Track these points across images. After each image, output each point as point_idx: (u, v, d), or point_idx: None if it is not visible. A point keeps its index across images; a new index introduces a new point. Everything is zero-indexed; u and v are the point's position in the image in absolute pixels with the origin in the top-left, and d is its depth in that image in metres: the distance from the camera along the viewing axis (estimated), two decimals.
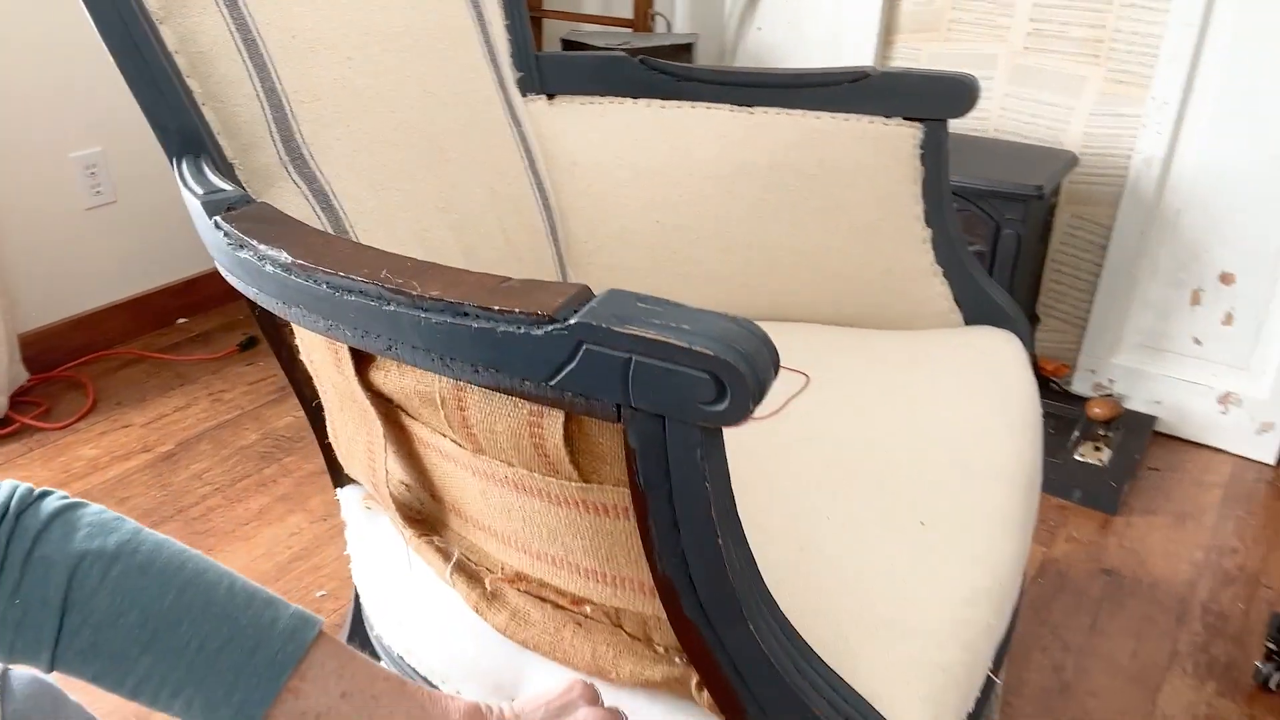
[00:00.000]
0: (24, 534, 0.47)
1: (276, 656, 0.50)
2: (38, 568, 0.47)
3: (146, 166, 2.05)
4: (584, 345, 0.46)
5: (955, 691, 0.60)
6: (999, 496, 0.73)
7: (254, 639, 0.50)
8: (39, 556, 0.47)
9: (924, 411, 0.83)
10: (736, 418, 0.44)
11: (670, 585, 0.52)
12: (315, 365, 0.68)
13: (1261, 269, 1.62)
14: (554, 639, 0.62)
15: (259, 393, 1.93)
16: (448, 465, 0.62)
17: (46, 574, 0.47)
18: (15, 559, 0.46)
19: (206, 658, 0.49)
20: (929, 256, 0.98)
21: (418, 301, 0.51)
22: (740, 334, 0.44)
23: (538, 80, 1.04)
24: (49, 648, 0.47)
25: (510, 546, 0.62)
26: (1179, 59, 1.58)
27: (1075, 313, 1.85)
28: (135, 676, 0.49)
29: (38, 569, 0.47)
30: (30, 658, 0.48)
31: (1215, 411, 1.72)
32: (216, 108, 0.70)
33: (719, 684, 0.53)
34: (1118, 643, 1.30)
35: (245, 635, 0.50)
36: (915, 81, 0.93)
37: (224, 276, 0.64)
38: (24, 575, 0.47)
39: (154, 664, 0.49)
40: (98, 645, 0.48)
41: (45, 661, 0.48)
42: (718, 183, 1.02)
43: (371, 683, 0.53)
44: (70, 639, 0.47)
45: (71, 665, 0.49)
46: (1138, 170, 1.67)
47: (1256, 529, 1.54)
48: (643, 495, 0.50)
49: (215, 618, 0.50)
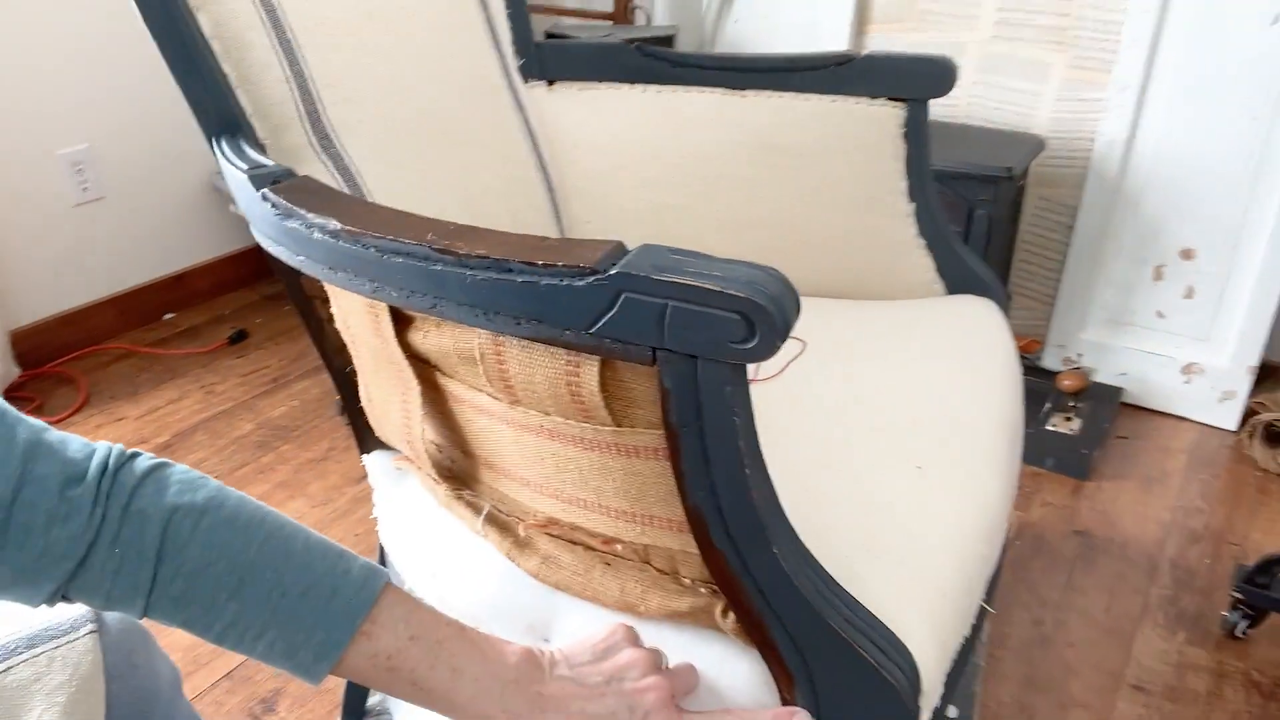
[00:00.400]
0: (121, 490, 0.51)
1: (351, 602, 0.55)
2: (134, 521, 0.51)
3: (133, 162, 2.06)
4: (623, 294, 0.51)
5: (953, 613, 0.65)
6: (986, 442, 0.79)
7: (330, 586, 0.55)
8: (135, 510, 0.51)
9: (914, 370, 0.89)
10: (765, 353, 0.49)
11: (700, 516, 0.56)
12: (352, 331, 0.72)
13: (1220, 244, 1.71)
14: (584, 579, 0.67)
15: (251, 384, 1.95)
16: (483, 420, 0.67)
17: (143, 526, 0.51)
18: (114, 512, 0.50)
19: (289, 603, 0.53)
20: (913, 229, 1.04)
21: (464, 260, 0.55)
22: (767, 278, 0.49)
23: (538, 67, 1.08)
24: (144, 595, 0.51)
25: (542, 494, 0.67)
26: (1139, 44, 1.65)
27: (1044, 290, 1.93)
28: (223, 622, 0.53)
29: (134, 522, 0.51)
30: (125, 604, 0.52)
31: (1179, 381, 1.80)
32: (249, 90, 0.74)
33: (744, 607, 0.59)
34: (1092, 598, 1.37)
35: (322, 583, 0.55)
36: (898, 64, 0.99)
37: (266, 248, 0.68)
38: (122, 527, 0.50)
39: (240, 610, 0.53)
40: (189, 593, 0.52)
41: (139, 608, 0.52)
42: (712, 163, 1.07)
43: (436, 627, 0.58)
44: (164, 587, 0.51)
45: (164, 612, 0.53)
46: (1101, 152, 1.75)
47: (1220, 491, 1.62)
48: (675, 433, 0.54)
49: (295, 567, 0.54)
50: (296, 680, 1.23)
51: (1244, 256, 1.69)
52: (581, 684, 0.59)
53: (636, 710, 0.59)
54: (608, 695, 0.59)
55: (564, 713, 0.58)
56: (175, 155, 2.14)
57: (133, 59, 2.01)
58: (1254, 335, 1.71)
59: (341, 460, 1.69)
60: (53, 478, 0.49)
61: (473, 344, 0.61)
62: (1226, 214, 1.68)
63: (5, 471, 0.48)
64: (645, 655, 0.62)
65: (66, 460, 0.50)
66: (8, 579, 0.49)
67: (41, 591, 0.50)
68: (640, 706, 0.59)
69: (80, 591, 0.51)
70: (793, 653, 0.58)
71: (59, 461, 0.50)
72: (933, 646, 0.62)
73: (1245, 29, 1.57)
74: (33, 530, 0.48)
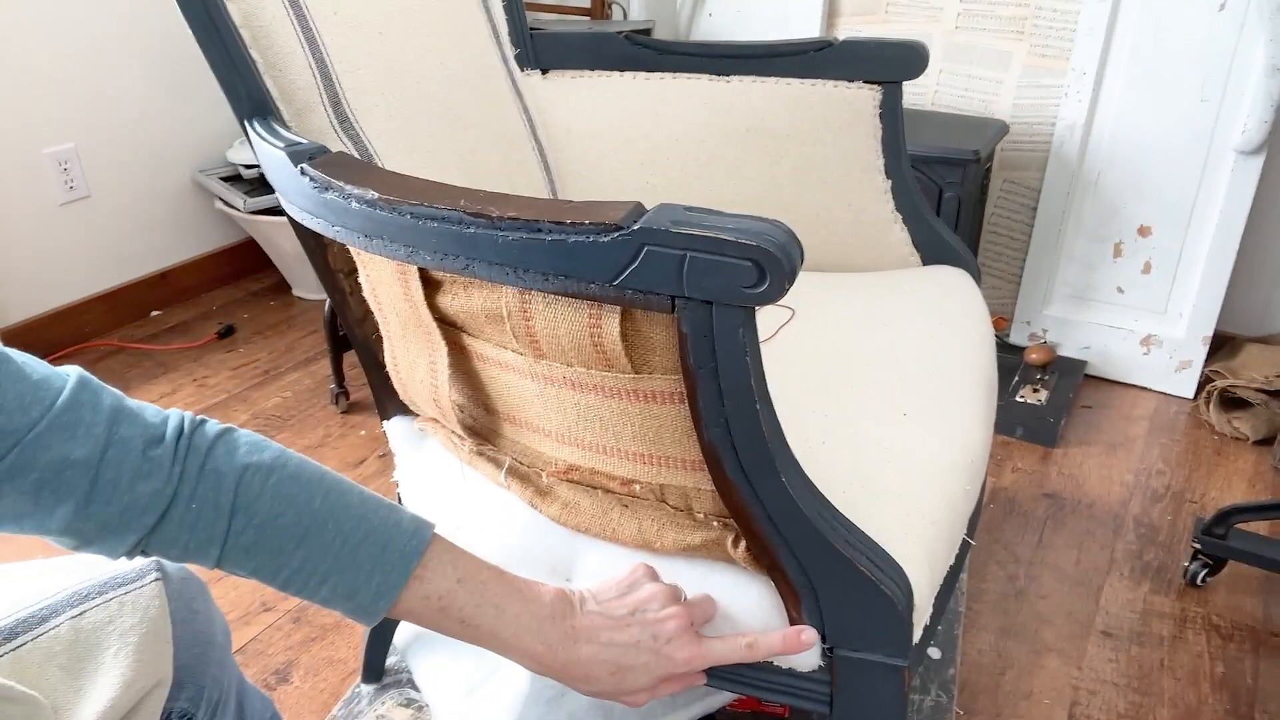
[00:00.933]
0: (197, 451, 0.56)
1: (405, 549, 0.61)
2: (210, 478, 0.56)
3: (119, 161, 2.09)
4: (646, 247, 0.57)
5: (942, 541, 0.72)
6: (966, 392, 0.85)
7: (385, 535, 0.61)
8: (210, 469, 0.56)
9: (896, 331, 0.95)
10: (774, 296, 0.55)
11: (715, 451, 0.63)
12: (380, 299, 0.77)
13: (1175, 221, 1.80)
14: (603, 521, 0.73)
15: (243, 377, 1.99)
16: (507, 376, 0.72)
17: (218, 483, 0.56)
18: (191, 471, 0.56)
19: (350, 550, 0.59)
20: (890, 204, 1.11)
21: (496, 223, 0.61)
22: (773, 229, 0.55)
23: (533, 57, 1.14)
24: (219, 545, 0.57)
25: (563, 443, 0.73)
26: (1095, 32, 1.74)
27: (1011, 270, 2.02)
28: (290, 568, 0.58)
29: (210, 479, 0.56)
30: (200, 555, 0.57)
31: (1138, 353, 1.90)
32: (275, 76, 0.79)
33: (755, 534, 0.65)
34: (1062, 554, 1.45)
35: (378, 532, 0.60)
36: (873, 48, 1.05)
37: (299, 220, 0.73)
38: (199, 484, 0.56)
39: (306, 556, 0.58)
40: (259, 542, 0.57)
41: (213, 559, 0.57)
42: (700, 145, 1.14)
43: (479, 571, 0.64)
44: (237, 537, 0.57)
45: (236, 561, 0.58)
46: (1061, 136, 1.83)
47: (1179, 454, 1.71)
48: (692, 374, 0.60)
49: (354, 518, 0.60)
50: (308, 651, 1.27)
51: (1196, 232, 1.78)
52: (609, 616, 0.66)
53: (660, 638, 0.65)
54: (632, 625, 0.65)
55: (595, 642, 0.64)
56: (160, 154, 2.16)
57: (118, 58, 2.03)
58: (1207, 307, 1.80)
59: (338, 447, 1.73)
60: (136, 439, 0.54)
61: (500, 303, 0.67)
62: (1180, 192, 1.78)
63: (95, 433, 0.53)
64: (665, 589, 0.68)
65: (146, 424, 0.56)
66: (94, 532, 0.54)
67: (124, 543, 0.55)
68: (663, 634, 0.65)
69: (159, 545, 0.56)
70: (799, 573, 0.65)
71: (141, 424, 0.55)
72: (924, 569, 0.68)
73: (1194, 15, 1.66)
74: (119, 486, 0.53)
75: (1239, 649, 1.27)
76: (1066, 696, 1.20)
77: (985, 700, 1.19)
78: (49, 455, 0.51)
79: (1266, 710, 1.18)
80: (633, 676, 0.65)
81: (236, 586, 1.38)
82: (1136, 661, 1.25)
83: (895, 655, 0.66)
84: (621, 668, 0.64)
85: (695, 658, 0.66)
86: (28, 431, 0.50)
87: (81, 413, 0.53)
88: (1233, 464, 1.69)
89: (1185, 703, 1.19)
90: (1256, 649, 1.27)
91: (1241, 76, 1.66)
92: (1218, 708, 1.18)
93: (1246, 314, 1.93)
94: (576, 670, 0.64)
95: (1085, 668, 1.24)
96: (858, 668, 0.67)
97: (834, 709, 0.69)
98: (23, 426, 0.50)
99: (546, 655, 0.64)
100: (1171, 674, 1.23)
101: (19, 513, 0.52)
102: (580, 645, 0.64)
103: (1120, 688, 1.21)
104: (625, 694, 0.66)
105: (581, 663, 0.64)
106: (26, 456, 0.50)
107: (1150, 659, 1.26)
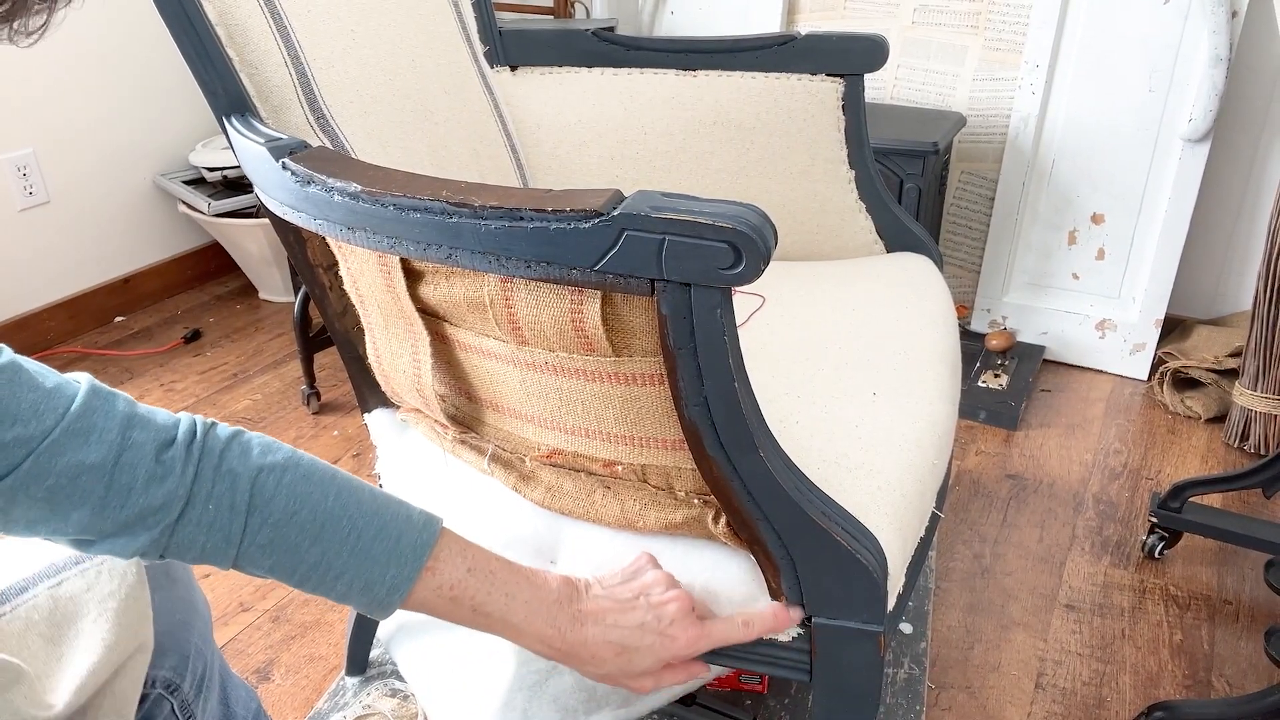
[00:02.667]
0: (211, 453, 0.57)
1: (416, 542, 0.63)
2: (225, 479, 0.57)
3: (78, 166, 2.06)
4: (625, 232, 0.59)
5: (912, 512, 0.75)
6: (932, 372, 0.89)
7: (397, 529, 0.62)
8: (225, 470, 0.57)
9: (863, 315, 0.98)
10: (750, 276, 0.57)
11: (695, 429, 0.65)
12: (361, 291, 0.78)
13: (1127, 208, 1.86)
14: (586, 503, 0.75)
15: (211, 381, 1.98)
16: (490, 363, 0.74)
17: (234, 484, 0.57)
18: (206, 472, 0.57)
19: (364, 545, 0.61)
20: (854, 194, 1.14)
21: (478, 211, 0.62)
22: (748, 213, 0.58)
23: (501, 53, 1.15)
24: (235, 545, 0.58)
25: (546, 428, 0.75)
26: (1046, 25, 1.79)
27: (970, 259, 2.07)
28: (306, 564, 0.60)
29: (225, 480, 0.57)
30: (217, 556, 0.58)
31: (1094, 337, 1.95)
32: (251, 74, 0.80)
33: (734, 509, 0.67)
34: (1026, 532, 1.50)
35: (390, 527, 0.62)
36: (836, 42, 1.09)
37: (280, 215, 0.74)
38: (215, 485, 0.57)
39: (322, 553, 0.60)
40: (276, 541, 0.59)
41: (230, 559, 0.58)
42: (668, 139, 1.16)
43: (488, 561, 0.66)
44: (253, 536, 0.58)
45: (253, 560, 0.59)
46: (1016, 127, 1.89)
47: (1135, 433, 1.77)
48: (672, 355, 0.62)
49: (366, 514, 0.62)
50: (289, 650, 1.28)
51: (1147, 219, 1.84)
52: (614, 600, 0.68)
53: (663, 619, 0.68)
54: (637, 608, 0.68)
55: (602, 625, 0.67)
56: (121, 157, 2.14)
57: (76, 62, 2.01)
58: (1158, 291, 1.86)
59: (310, 447, 1.73)
60: (149, 443, 0.55)
61: (482, 291, 0.69)
62: (1130, 180, 1.83)
63: (108, 439, 0.54)
64: (667, 575, 0.71)
65: (158, 427, 0.57)
66: (109, 530, 0.55)
67: (137, 542, 0.56)
68: (665, 616, 0.68)
69: (178, 548, 0.57)
70: (778, 545, 0.67)
71: (153, 429, 0.56)
72: (896, 538, 0.71)
73: (1141, 8, 1.72)
74: (134, 490, 0.54)
75: (1196, 617, 1.32)
76: (1033, 667, 1.24)
77: (956, 673, 1.22)
78: (64, 461, 0.52)
79: (1223, 674, 1.23)
80: (638, 658, 0.67)
81: (213, 587, 1.38)
82: (1099, 632, 1.30)
83: (871, 621, 0.69)
84: (627, 649, 0.67)
85: (698, 638, 0.68)
86: (43, 439, 0.51)
87: (95, 419, 0.54)
88: (1186, 441, 1.75)
89: (1146, 670, 1.24)
90: (1212, 617, 1.32)
91: (1187, 67, 1.72)
92: (1177, 674, 1.23)
93: (1196, 297, 2.00)
94: (584, 652, 0.66)
95: (1050, 640, 1.28)
96: (836, 635, 0.70)
97: (813, 676, 0.72)
98: (38, 434, 0.51)
99: (556, 638, 0.66)
100: (1132, 643, 1.28)
101: (35, 518, 0.53)
102: (587, 627, 0.67)
103: (1084, 657, 1.25)
104: (631, 676, 0.68)
105: (588, 644, 0.66)
106: (42, 463, 0.51)
107: (1112, 629, 1.30)
